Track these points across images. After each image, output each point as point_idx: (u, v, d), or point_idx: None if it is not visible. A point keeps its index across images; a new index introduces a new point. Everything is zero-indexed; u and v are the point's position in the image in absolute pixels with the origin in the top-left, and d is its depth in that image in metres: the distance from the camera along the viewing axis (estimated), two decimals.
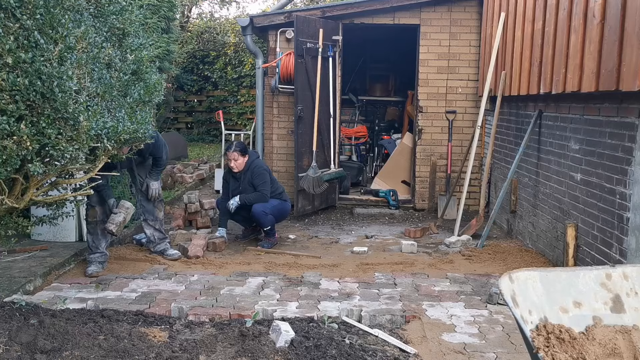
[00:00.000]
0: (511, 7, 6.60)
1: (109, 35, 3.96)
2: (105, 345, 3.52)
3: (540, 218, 5.94)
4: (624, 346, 2.25)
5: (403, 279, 5.11)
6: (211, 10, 19.88)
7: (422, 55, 7.97)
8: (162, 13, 8.80)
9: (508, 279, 2.25)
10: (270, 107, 8.16)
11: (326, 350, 3.52)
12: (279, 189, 6.51)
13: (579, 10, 4.81)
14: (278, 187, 6.53)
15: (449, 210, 7.64)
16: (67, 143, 3.36)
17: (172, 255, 5.72)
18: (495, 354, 3.66)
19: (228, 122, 14.36)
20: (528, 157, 6.25)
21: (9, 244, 5.66)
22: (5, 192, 3.47)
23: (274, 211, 6.28)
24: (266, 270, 5.37)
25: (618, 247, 4.34)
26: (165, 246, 5.80)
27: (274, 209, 6.28)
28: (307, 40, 7.42)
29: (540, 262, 5.62)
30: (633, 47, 3.94)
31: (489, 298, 4.53)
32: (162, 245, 5.79)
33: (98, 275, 5.12)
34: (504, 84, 6.75)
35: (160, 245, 5.79)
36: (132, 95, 4.05)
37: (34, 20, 3.17)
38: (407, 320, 4.18)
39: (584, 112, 4.98)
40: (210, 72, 15.77)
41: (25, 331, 3.56)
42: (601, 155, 4.64)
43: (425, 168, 8.14)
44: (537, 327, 2.21)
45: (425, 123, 8.07)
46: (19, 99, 3.14)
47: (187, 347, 3.56)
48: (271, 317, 4.17)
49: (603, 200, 4.60)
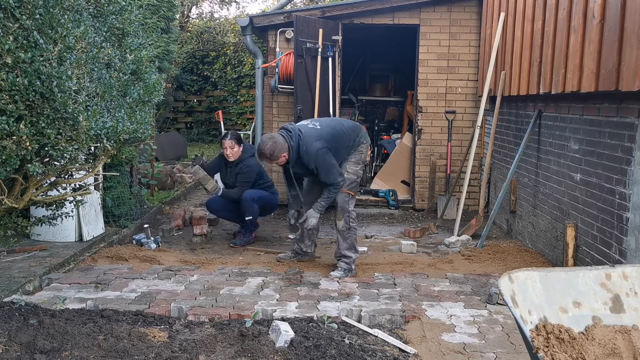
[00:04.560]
0: (511, 7, 6.60)
1: (109, 35, 3.96)
2: (105, 345, 3.52)
3: (539, 218, 5.94)
4: (624, 346, 2.25)
5: (403, 279, 5.11)
6: (211, 10, 19.89)
7: (422, 56, 7.97)
8: (162, 13, 8.79)
9: (507, 279, 2.25)
10: (270, 107, 8.16)
11: (326, 350, 3.52)
12: (268, 182, 6.57)
13: (578, 10, 4.81)
14: (267, 180, 6.60)
15: (449, 210, 7.64)
16: (67, 143, 3.36)
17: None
18: (494, 354, 3.66)
19: (228, 122, 14.37)
20: (528, 157, 6.25)
21: (9, 244, 5.67)
22: (4, 192, 3.47)
23: (261, 201, 6.31)
24: (266, 270, 5.37)
25: (617, 247, 4.34)
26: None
27: (261, 198, 6.31)
28: (307, 40, 7.42)
29: (539, 262, 5.62)
30: (633, 47, 3.94)
31: (489, 298, 4.52)
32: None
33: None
34: (504, 84, 6.75)
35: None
36: (131, 95, 4.05)
37: (33, 20, 3.17)
38: (407, 320, 4.18)
39: (583, 112, 4.98)
40: (209, 72, 15.77)
41: (24, 331, 3.56)
42: (601, 155, 4.64)
43: (424, 168, 8.14)
44: (536, 327, 2.21)
45: (425, 123, 8.07)
46: (19, 99, 3.14)
47: (186, 347, 3.56)
48: (271, 317, 4.17)
49: (602, 200, 4.60)
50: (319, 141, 5.08)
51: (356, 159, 5.38)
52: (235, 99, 15.39)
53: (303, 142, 5.06)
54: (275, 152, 5.02)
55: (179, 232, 6.93)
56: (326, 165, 5.09)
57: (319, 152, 5.05)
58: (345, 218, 5.29)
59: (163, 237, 6.54)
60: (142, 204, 7.59)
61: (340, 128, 5.36)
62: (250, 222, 6.33)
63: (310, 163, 5.09)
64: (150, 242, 6.06)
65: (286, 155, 5.09)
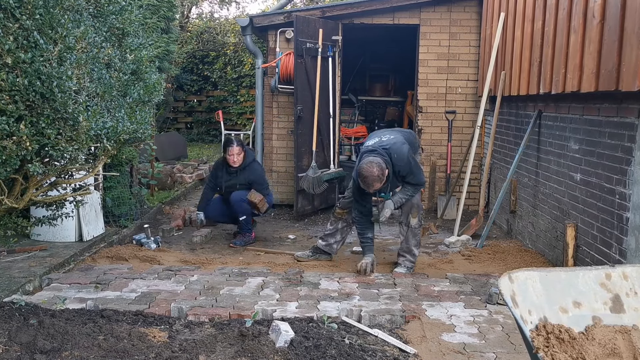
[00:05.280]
0: (511, 7, 6.60)
1: (109, 35, 3.96)
2: (105, 345, 3.52)
3: (539, 218, 5.94)
4: (624, 346, 2.25)
5: (403, 279, 5.11)
6: (211, 10, 19.90)
7: (422, 56, 7.97)
8: (162, 13, 8.79)
9: (508, 279, 2.25)
10: (270, 107, 8.16)
11: (326, 350, 3.52)
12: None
13: (578, 10, 4.81)
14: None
15: (449, 211, 7.64)
16: (67, 143, 3.36)
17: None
18: (494, 354, 3.66)
19: (228, 122, 14.37)
20: (528, 157, 6.25)
21: (9, 244, 5.67)
22: (4, 192, 3.47)
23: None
24: (266, 270, 5.37)
25: (618, 247, 4.34)
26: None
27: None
28: (307, 40, 7.42)
29: (539, 262, 5.62)
30: (633, 47, 3.94)
31: (489, 298, 4.52)
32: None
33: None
34: (504, 84, 6.75)
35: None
36: (131, 95, 4.04)
37: (33, 20, 3.17)
38: (407, 320, 4.18)
39: (583, 112, 4.98)
40: (210, 72, 15.77)
41: (24, 331, 3.56)
42: (601, 155, 4.64)
43: (425, 168, 8.13)
44: (536, 327, 2.21)
45: (425, 123, 8.07)
46: (19, 99, 3.14)
47: (186, 347, 3.56)
48: (271, 317, 4.17)
49: (603, 200, 4.60)
50: (405, 145, 5.27)
51: (418, 160, 5.61)
52: (235, 99, 15.39)
53: (392, 151, 5.17)
54: (383, 171, 5.04)
55: (179, 232, 6.93)
56: (416, 166, 5.37)
57: (409, 153, 5.27)
58: (419, 215, 5.55)
59: (163, 237, 6.55)
60: (142, 204, 7.59)
61: (405, 134, 5.61)
62: (245, 222, 6.33)
63: (403, 168, 5.21)
64: (150, 242, 6.07)
65: (387, 171, 5.11)
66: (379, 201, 5.47)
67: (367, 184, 5.06)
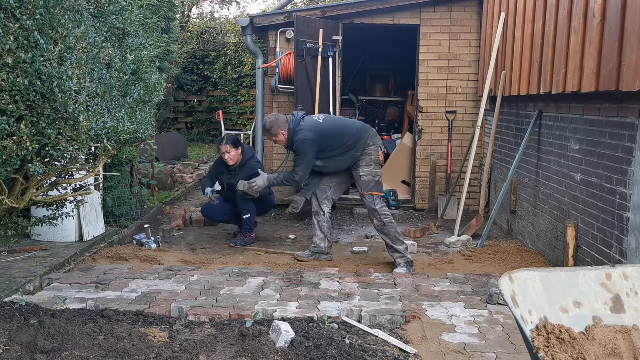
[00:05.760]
0: (511, 7, 6.60)
1: (109, 35, 3.96)
2: (105, 345, 3.52)
3: (540, 218, 5.94)
4: (624, 346, 2.25)
5: (403, 278, 5.11)
6: (211, 10, 19.89)
7: (422, 55, 7.97)
8: (162, 13, 8.79)
9: (508, 279, 2.25)
10: (270, 107, 8.16)
11: (326, 350, 3.52)
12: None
13: (578, 10, 4.81)
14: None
15: (449, 210, 7.64)
16: (67, 143, 3.36)
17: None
18: (495, 354, 3.66)
19: (228, 122, 14.36)
20: (528, 157, 6.25)
21: (9, 243, 5.67)
22: (5, 192, 3.47)
23: (257, 199, 6.28)
24: (266, 270, 5.37)
25: (618, 247, 4.34)
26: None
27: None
28: (307, 40, 7.42)
29: (540, 262, 5.62)
30: (633, 47, 3.94)
31: (489, 298, 4.52)
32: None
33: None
34: (504, 84, 6.75)
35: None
36: (132, 95, 4.04)
37: (33, 20, 3.17)
38: (407, 320, 4.18)
39: (583, 112, 4.98)
40: (210, 72, 15.77)
41: (25, 331, 3.56)
42: (601, 155, 4.64)
43: (425, 168, 8.14)
44: (537, 327, 2.21)
45: (425, 123, 8.08)
46: (19, 99, 3.14)
47: (187, 347, 3.56)
48: (271, 317, 4.17)
49: (603, 200, 4.60)
50: (310, 132, 5.47)
51: (366, 161, 5.55)
52: (235, 99, 15.38)
53: (299, 128, 5.46)
54: (274, 128, 5.52)
55: (179, 232, 6.93)
56: (301, 155, 5.47)
57: (304, 141, 5.43)
58: (375, 216, 5.51)
59: (163, 237, 6.55)
60: (143, 204, 7.59)
61: (343, 127, 5.59)
62: (248, 220, 6.33)
63: (296, 148, 5.48)
64: (151, 242, 6.07)
65: (285, 134, 5.52)
66: (294, 199, 5.89)
67: (261, 127, 5.57)
